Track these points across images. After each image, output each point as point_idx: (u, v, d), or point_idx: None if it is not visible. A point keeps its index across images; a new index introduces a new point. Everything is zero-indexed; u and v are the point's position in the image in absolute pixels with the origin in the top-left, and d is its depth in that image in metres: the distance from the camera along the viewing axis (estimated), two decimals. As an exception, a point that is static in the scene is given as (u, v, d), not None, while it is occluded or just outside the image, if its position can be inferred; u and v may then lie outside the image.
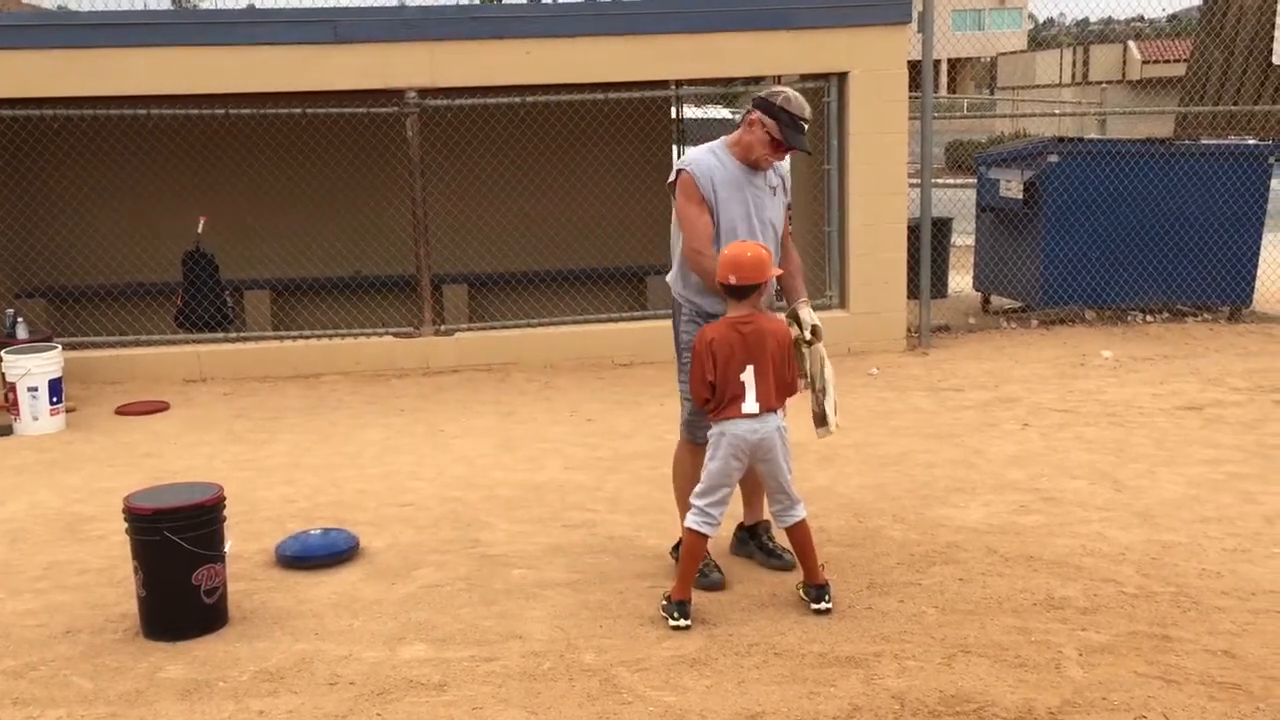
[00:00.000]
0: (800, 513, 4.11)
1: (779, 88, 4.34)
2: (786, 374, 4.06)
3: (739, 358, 4.00)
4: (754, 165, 4.32)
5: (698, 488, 4.11)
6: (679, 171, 4.33)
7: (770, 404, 4.02)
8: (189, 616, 4.03)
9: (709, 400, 4.08)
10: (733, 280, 3.98)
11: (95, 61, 7.86)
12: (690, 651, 3.84)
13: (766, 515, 4.57)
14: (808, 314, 4.36)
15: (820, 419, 4.35)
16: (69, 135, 9.22)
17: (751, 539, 4.67)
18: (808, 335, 4.30)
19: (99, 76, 7.89)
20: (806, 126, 4.29)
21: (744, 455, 4.04)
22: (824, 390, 4.31)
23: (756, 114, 4.26)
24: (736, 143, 4.33)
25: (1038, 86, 34.76)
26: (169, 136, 9.68)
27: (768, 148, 4.27)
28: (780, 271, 4.37)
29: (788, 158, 4.49)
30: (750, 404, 3.99)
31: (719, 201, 4.29)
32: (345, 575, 4.58)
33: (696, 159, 4.34)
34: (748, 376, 3.99)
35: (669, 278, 4.56)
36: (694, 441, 4.39)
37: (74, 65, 7.84)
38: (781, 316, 4.32)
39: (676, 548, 4.51)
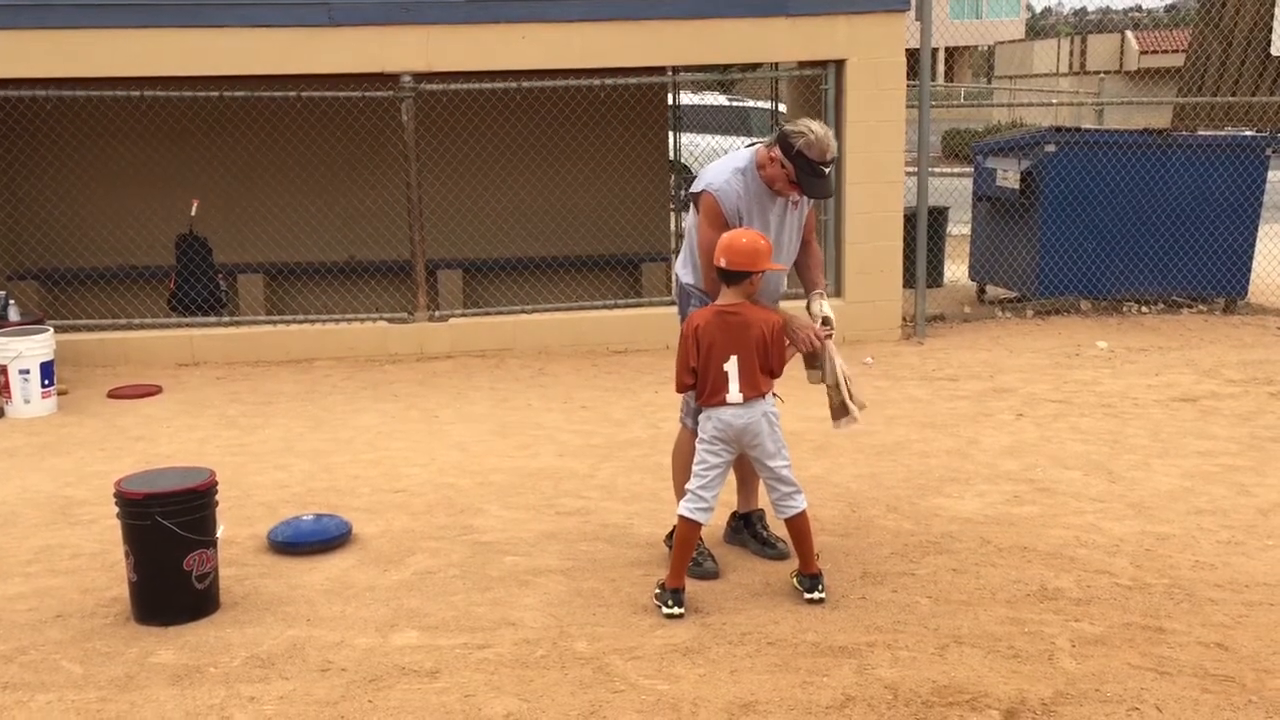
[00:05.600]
0: (800, 503, 4.09)
1: (805, 126, 4.12)
2: (772, 362, 4.04)
3: (723, 347, 3.99)
4: (780, 193, 4.24)
5: (692, 473, 4.10)
6: (703, 192, 4.23)
7: (756, 391, 4.01)
8: (180, 601, 4.02)
9: (691, 386, 4.07)
10: (723, 263, 3.97)
11: (89, 43, 7.80)
12: (683, 640, 3.83)
13: (761, 504, 4.58)
14: (818, 306, 4.34)
15: (840, 410, 4.32)
16: (62, 117, 9.16)
17: (746, 528, 4.66)
18: (817, 325, 4.28)
19: (92, 58, 7.83)
20: (829, 170, 4.12)
21: (730, 439, 4.04)
22: (837, 384, 4.29)
23: (777, 151, 4.13)
24: (762, 167, 4.21)
25: (1035, 76, 34.70)
26: (162, 119, 9.62)
27: (786, 185, 4.17)
28: (782, 268, 4.35)
29: None
30: (734, 394, 3.98)
31: (742, 223, 4.21)
32: (338, 561, 4.56)
33: (725, 183, 4.21)
34: (731, 366, 3.98)
35: (677, 266, 4.54)
36: (694, 430, 4.38)
37: (67, 46, 7.78)
38: (779, 308, 4.31)
39: (671, 536, 4.50)
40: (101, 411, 6.99)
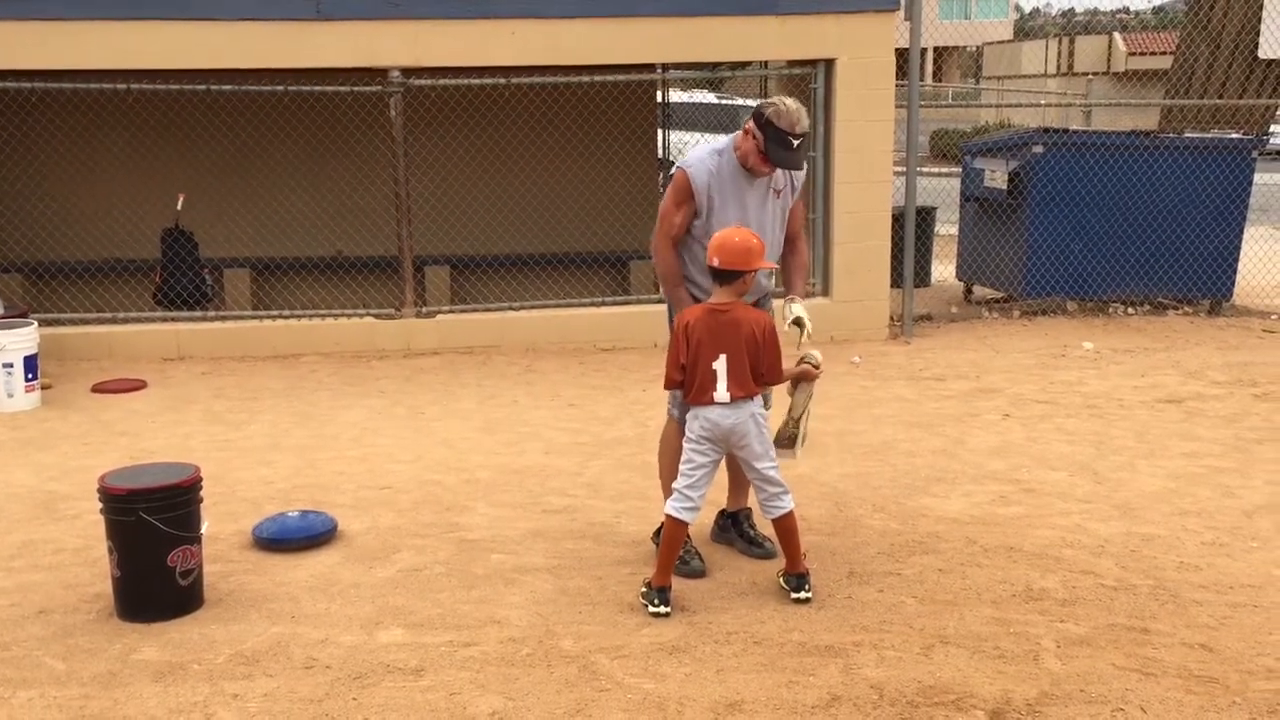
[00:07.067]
0: (787, 504, 4.09)
1: (777, 99, 4.19)
2: (762, 363, 4.03)
3: (711, 345, 3.98)
4: (754, 172, 4.25)
5: (679, 473, 4.09)
6: (678, 169, 4.27)
7: (744, 391, 4.00)
8: (164, 598, 3.99)
9: (680, 384, 4.06)
10: (716, 263, 3.96)
11: (75, 34, 7.75)
12: (669, 639, 3.83)
13: (749, 503, 4.58)
14: (795, 307, 4.32)
15: (788, 441, 4.29)
16: (47, 109, 9.11)
17: (733, 526, 4.66)
18: (785, 326, 4.27)
19: (79, 49, 7.78)
20: (798, 143, 4.13)
21: (718, 440, 4.03)
22: (800, 419, 4.26)
23: (750, 123, 4.17)
24: (738, 146, 4.25)
25: (1023, 76, 34.80)
26: (149, 112, 9.57)
27: (758, 159, 4.19)
28: (774, 266, 4.35)
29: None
30: (721, 393, 3.97)
31: (714, 206, 4.24)
32: (323, 558, 4.55)
33: (699, 161, 4.26)
34: (719, 365, 3.97)
35: None
36: (682, 423, 4.39)
37: (53, 37, 7.73)
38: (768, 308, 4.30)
39: (658, 533, 4.51)
40: (86, 406, 6.94)
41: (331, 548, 4.65)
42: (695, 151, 4.34)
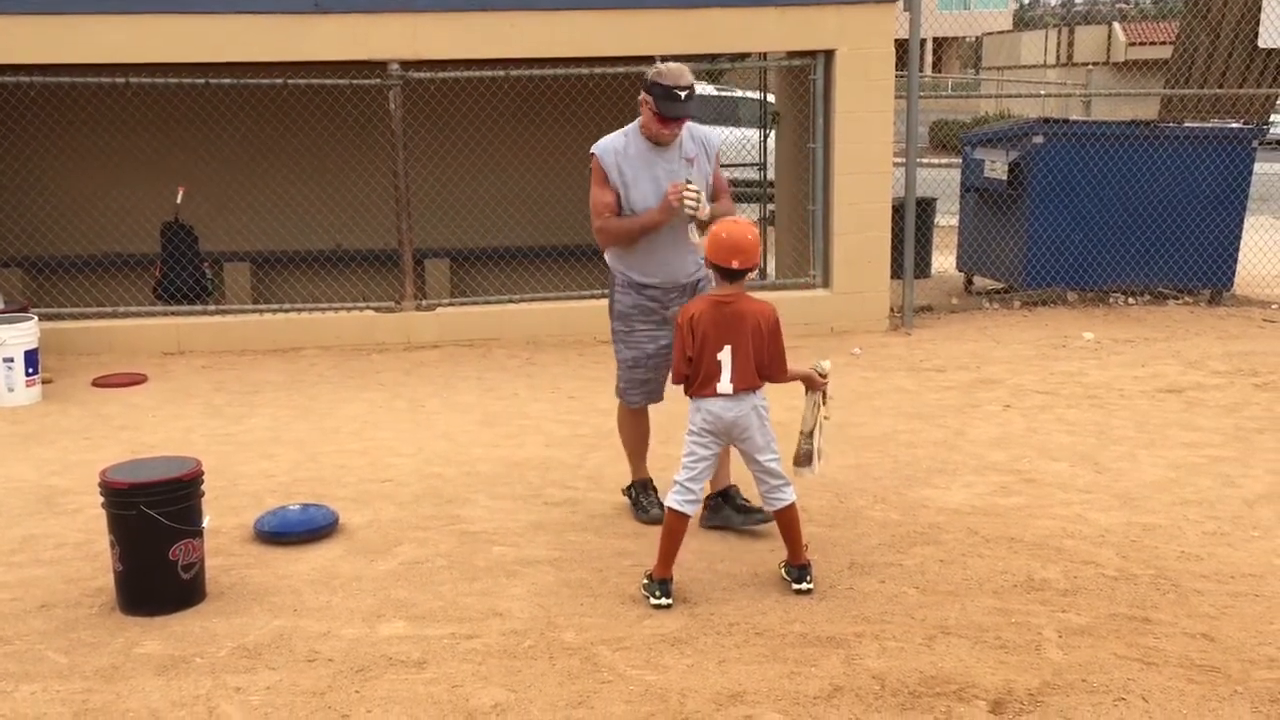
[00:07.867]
0: (789, 495, 4.10)
1: (659, 64, 4.48)
2: (766, 356, 4.03)
3: (716, 337, 3.98)
4: (658, 142, 4.49)
5: (680, 465, 4.09)
6: (590, 154, 4.56)
7: (747, 384, 4.00)
8: (166, 592, 4.00)
9: (688, 377, 4.06)
10: (735, 265, 3.96)
11: (73, 28, 7.74)
12: (671, 630, 3.83)
13: (732, 481, 4.69)
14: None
15: (804, 458, 4.29)
16: (46, 103, 9.10)
17: (725, 503, 4.70)
18: (695, 239, 4.43)
19: (77, 43, 7.77)
20: (685, 94, 4.37)
21: (720, 432, 4.03)
22: (811, 433, 4.26)
23: (642, 94, 4.43)
24: (643, 125, 4.52)
25: (1023, 67, 34.73)
26: (148, 106, 9.55)
27: (657, 122, 4.44)
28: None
29: (704, 127, 4.65)
30: (725, 384, 3.97)
31: (627, 183, 4.50)
32: (324, 551, 4.55)
33: (606, 142, 4.57)
34: (724, 356, 3.97)
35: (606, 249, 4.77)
36: (628, 404, 4.73)
37: (51, 31, 7.72)
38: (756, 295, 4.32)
39: (629, 489, 4.88)
40: (86, 400, 6.95)
41: (333, 541, 4.66)
42: (604, 137, 4.62)
